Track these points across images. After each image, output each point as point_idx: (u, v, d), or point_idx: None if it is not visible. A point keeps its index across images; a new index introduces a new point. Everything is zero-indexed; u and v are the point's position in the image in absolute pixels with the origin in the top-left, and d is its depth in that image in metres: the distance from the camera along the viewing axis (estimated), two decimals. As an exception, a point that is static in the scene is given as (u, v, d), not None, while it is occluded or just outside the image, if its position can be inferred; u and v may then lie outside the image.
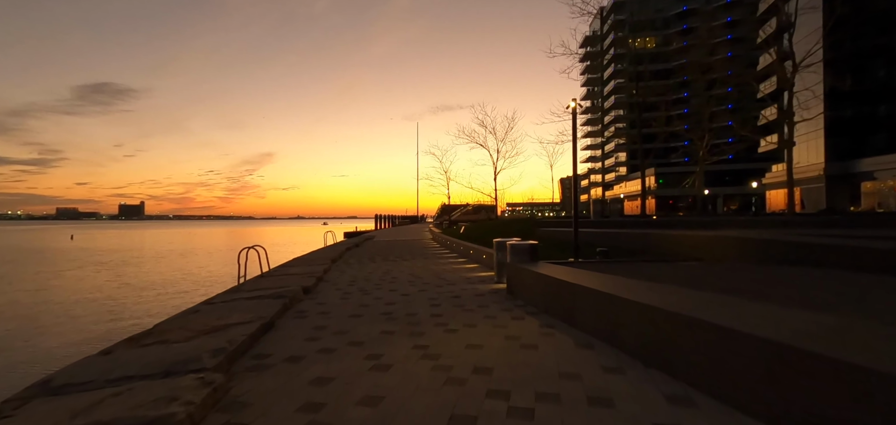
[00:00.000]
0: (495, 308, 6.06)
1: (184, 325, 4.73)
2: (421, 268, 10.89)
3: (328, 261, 11.64)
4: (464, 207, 65.57)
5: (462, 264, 11.67)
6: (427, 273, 9.99)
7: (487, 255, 11.11)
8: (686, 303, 3.53)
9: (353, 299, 6.84)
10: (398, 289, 7.81)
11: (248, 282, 8.29)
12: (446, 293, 7.29)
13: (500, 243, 8.20)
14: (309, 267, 10.41)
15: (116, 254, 45.47)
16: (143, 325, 10.57)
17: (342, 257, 14.01)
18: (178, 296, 19.82)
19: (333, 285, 8.30)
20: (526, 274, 6.36)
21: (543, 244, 7.21)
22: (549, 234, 12.68)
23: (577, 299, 4.80)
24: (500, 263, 8.25)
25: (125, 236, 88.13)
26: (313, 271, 9.42)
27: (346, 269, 10.91)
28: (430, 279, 8.97)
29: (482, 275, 9.51)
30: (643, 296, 3.87)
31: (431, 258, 13.56)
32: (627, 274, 5.99)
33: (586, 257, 8.33)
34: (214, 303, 6.12)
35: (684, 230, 10.19)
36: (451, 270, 10.39)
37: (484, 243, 13.61)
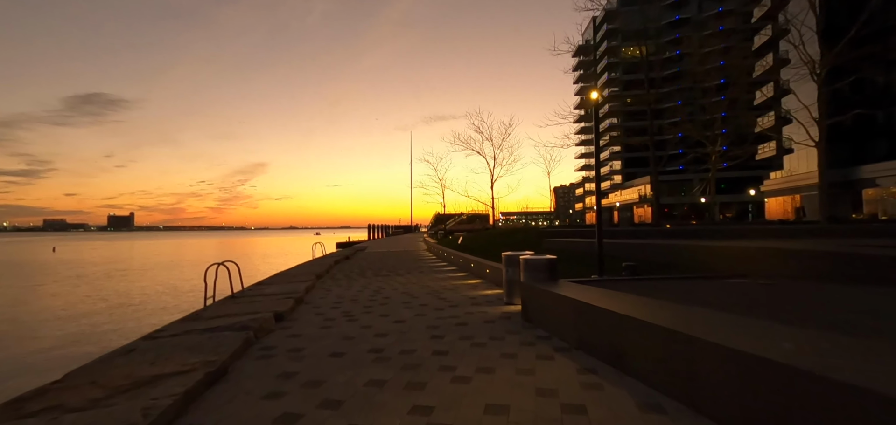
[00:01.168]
0: (513, 341, 4.85)
1: (99, 377, 3.49)
2: (417, 285, 9.67)
3: (312, 277, 10.38)
4: (458, 216, 64.44)
5: (463, 280, 10.47)
6: (424, 291, 8.77)
7: (491, 270, 9.93)
8: (806, 351, 2.37)
9: (335, 329, 5.59)
10: (391, 313, 6.59)
11: (213, 305, 7.04)
12: (449, 319, 6.07)
13: (511, 257, 7.02)
14: (289, 284, 9.15)
15: (99, 266, 43.71)
16: (109, 346, 9.21)
17: (329, 272, 12.74)
18: (155, 314, 18.40)
19: (314, 308, 7.05)
20: (548, 297, 5.18)
21: (556, 257, 6.02)
22: (559, 246, 11.55)
23: (627, 335, 3.62)
24: (510, 281, 7.07)
25: (112, 248, 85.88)
26: (293, 290, 8.17)
27: (333, 287, 9.66)
28: (429, 299, 7.75)
29: (488, 293, 8.31)
30: (735, 338, 2.71)
31: (427, 272, 12.35)
32: (674, 296, 4.84)
33: (611, 273, 7.19)
34: (159, 337, 4.87)
35: (711, 241, 9.09)
36: (452, 288, 9.18)
37: (486, 255, 12.42)
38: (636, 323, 3.52)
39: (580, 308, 4.37)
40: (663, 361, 3.19)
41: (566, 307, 4.70)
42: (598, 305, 4.08)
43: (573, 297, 4.54)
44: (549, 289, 5.25)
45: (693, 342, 2.92)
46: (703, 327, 3.07)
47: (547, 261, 6.11)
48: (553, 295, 5.03)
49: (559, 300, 4.89)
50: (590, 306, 4.20)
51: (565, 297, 4.71)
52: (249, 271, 33.48)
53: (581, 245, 11.10)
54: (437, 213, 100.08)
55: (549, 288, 5.30)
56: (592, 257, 9.28)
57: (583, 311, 4.32)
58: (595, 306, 4.10)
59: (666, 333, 3.16)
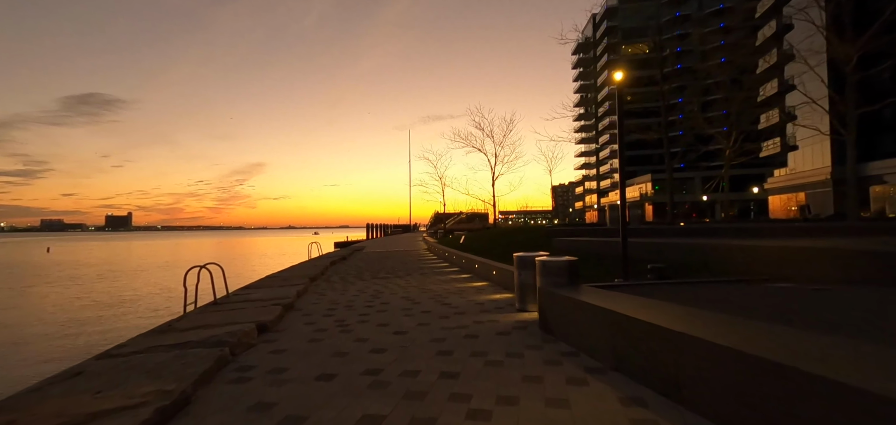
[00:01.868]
0: (534, 358, 4.12)
1: (21, 417, 2.75)
2: (418, 289, 8.94)
3: (305, 280, 9.64)
4: (457, 215, 63.76)
5: (467, 282, 9.74)
6: (426, 295, 8.04)
7: (499, 272, 9.21)
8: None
9: (326, 343, 4.85)
10: (390, 322, 5.85)
11: (191, 314, 6.29)
12: (456, 329, 5.34)
13: (524, 259, 6.29)
14: (280, 288, 8.41)
15: (93, 267, 42.91)
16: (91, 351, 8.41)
17: (324, 274, 12.00)
18: (146, 317, 17.65)
19: (305, 316, 6.31)
20: (573, 306, 4.45)
21: (577, 259, 5.30)
22: (571, 246, 10.81)
23: (686, 359, 2.88)
24: (523, 285, 6.34)
25: (108, 248, 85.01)
26: (282, 295, 7.43)
27: (327, 291, 8.92)
28: (432, 305, 7.01)
29: (496, 298, 7.58)
30: (859, 374, 1.99)
31: (429, 274, 11.61)
32: (724, 306, 4.12)
33: (634, 276, 6.47)
34: (117, 356, 4.13)
35: (735, 239, 8.37)
36: (456, 291, 8.44)
37: (491, 255, 11.69)
38: (699, 345, 2.79)
39: (618, 321, 3.64)
40: (749, 400, 2.45)
41: (598, 319, 3.97)
42: (642, 319, 3.35)
43: (608, 308, 3.80)
44: (575, 296, 4.52)
45: (796, 377, 2.19)
46: (803, 355, 2.34)
47: (567, 264, 5.38)
48: (580, 304, 4.30)
49: (588, 310, 4.16)
50: (632, 320, 3.46)
51: (597, 307, 3.98)
52: (242, 272, 32.77)
53: (594, 245, 10.38)
54: (436, 212, 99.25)
55: (574, 295, 4.57)
56: (609, 258, 8.55)
57: (622, 326, 3.58)
58: (639, 320, 3.37)
59: (752, 363, 2.43)
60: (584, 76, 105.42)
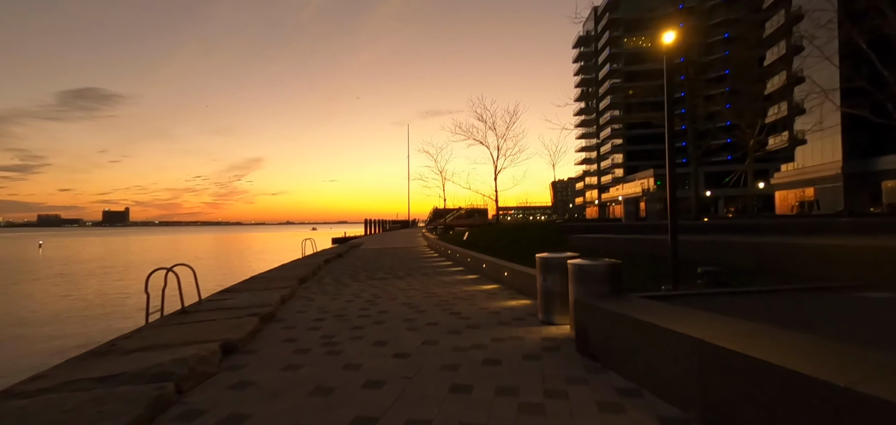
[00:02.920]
0: (583, 399, 3.05)
1: None
2: (421, 292, 7.86)
3: (294, 282, 8.56)
4: (456, 211, 62.73)
5: (475, 284, 8.66)
6: (431, 302, 6.96)
7: (511, 273, 8.15)
8: None
9: (306, 372, 3.77)
10: (390, 338, 4.78)
11: (146, 328, 5.21)
12: (472, 350, 4.27)
13: (550, 261, 5.22)
14: (263, 292, 7.33)
15: (85, 264, 41.76)
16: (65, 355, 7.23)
17: (316, 274, 10.92)
18: (130, 317, 16.59)
19: (286, 330, 5.24)
20: (629, 327, 3.38)
21: (621, 263, 4.23)
22: (591, 243, 9.71)
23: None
24: (548, 293, 5.27)
25: (103, 244, 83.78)
26: (263, 302, 6.35)
27: (316, 295, 7.84)
28: (439, 315, 5.94)
29: (512, 305, 6.51)
30: None
31: (432, 274, 10.55)
32: (835, 326, 3.06)
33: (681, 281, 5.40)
34: (22, 394, 3.05)
35: (779, 237, 7.31)
36: (465, 297, 7.37)
37: (498, 253, 10.63)
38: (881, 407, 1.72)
39: (709, 355, 2.57)
40: None
41: (673, 347, 2.90)
42: (760, 359, 2.28)
43: (693, 335, 2.73)
44: (631, 313, 3.44)
45: None
46: None
47: (609, 268, 4.31)
48: (643, 325, 3.23)
49: (657, 335, 3.08)
50: (737, 356, 2.39)
51: (673, 333, 2.90)
52: (232, 270, 31.59)
53: (617, 243, 9.30)
54: (435, 208, 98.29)
55: (629, 311, 3.49)
56: (639, 258, 7.49)
57: (721, 363, 2.51)
58: (755, 360, 2.29)
59: None
60: (584, 70, 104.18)
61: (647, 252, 7.94)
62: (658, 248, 8.11)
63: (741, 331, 2.76)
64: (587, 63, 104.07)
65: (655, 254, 7.80)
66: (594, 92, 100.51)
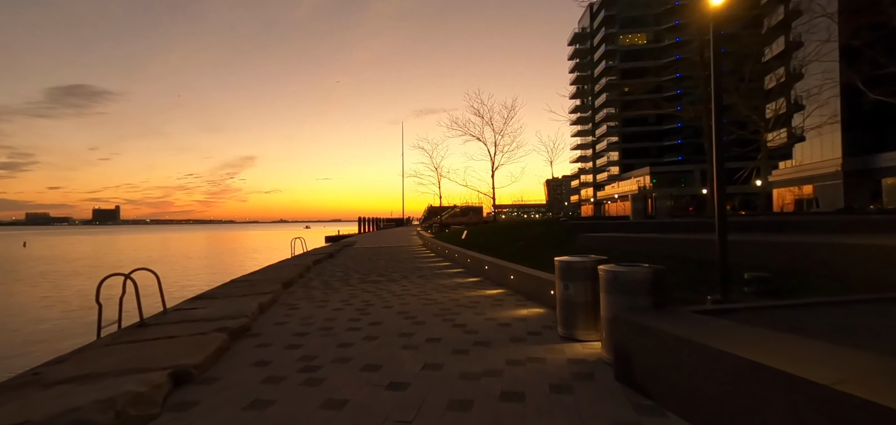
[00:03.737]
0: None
1: None
2: (418, 299, 7.04)
3: (277, 286, 7.70)
4: (451, 209, 62.00)
5: (478, 289, 7.85)
6: (430, 309, 6.14)
7: (517, 277, 7.35)
8: None
9: (275, 412, 2.93)
10: (383, 360, 3.95)
11: (87, 348, 4.34)
12: (484, 377, 3.45)
13: (572, 266, 4.42)
14: (239, 299, 6.48)
15: (70, 263, 40.52)
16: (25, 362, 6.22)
17: (304, 276, 10.06)
18: (109, 322, 15.61)
19: (258, 350, 4.40)
20: (701, 356, 2.58)
21: (664, 269, 3.40)
22: (603, 244, 8.87)
23: None
24: (569, 303, 4.47)
25: (91, 242, 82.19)
26: (236, 312, 5.50)
27: (301, 302, 6.99)
28: (440, 327, 5.12)
29: (522, 314, 5.70)
30: None
31: (429, 276, 9.72)
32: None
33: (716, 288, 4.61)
34: None
35: (844, 236, 6.52)
36: (468, 303, 6.55)
37: (500, 254, 9.83)
38: None
39: (853, 414, 1.77)
40: None
41: (780, 396, 2.10)
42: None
43: (816, 381, 1.93)
44: (704, 340, 2.63)
45: None
46: None
47: (652, 277, 3.51)
48: (725, 360, 2.42)
49: (750, 373, 2.28)
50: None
51: (780, 374, 2.09)
52: (217, 270, 30.54)
53: (633, 242, 8.50)
54: (430, 206, 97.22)
55: (700, 338, 2.68)
56: (660, 260, 6.69)
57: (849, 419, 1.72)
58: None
59: None
60: (580, 68, 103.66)
61: (666, 252, 7.17)
62: (678, 249, 7.34)
63: (871, 372, 1.96)
64: (582, 60, 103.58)
65: (676, 254, 7.03)
66: (590, 89, 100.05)
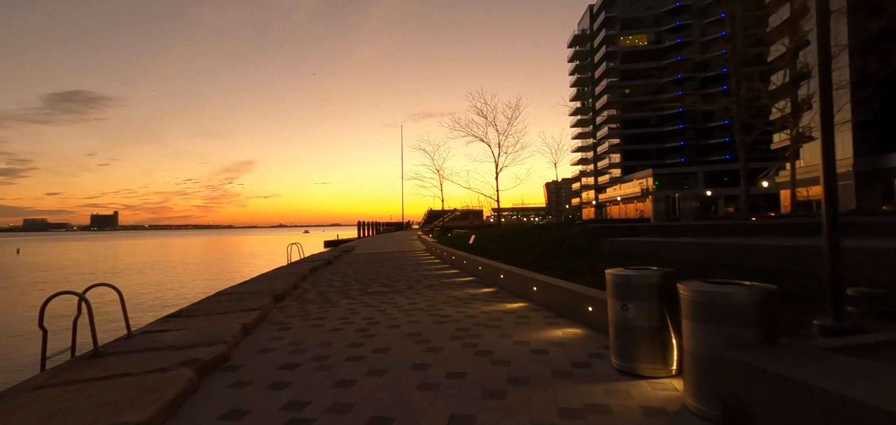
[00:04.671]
0: None
1: None
2: (429, 314, 6.09)
3: (268, 300, 6.75)
4: (451, 212, 61.14)
5: (494, 301, 6.90)
6: (445, 330, 5.19)
7: (541, 288, 6.42)
8: None
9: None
10: (394, 409, 3.00)
11: (20, 387, 3.39)
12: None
13: (630, 282, 3.49)
14: (221, 316, 5.54)
15: (64, 270, 39.50)
16: None
17: (299, 287, 9.10)
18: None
19: (232, 392, 3.45)
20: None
21: (775, 290, 2.40)
22: (635, 249, 7.88)
23: None
24: (628, 327, 3.53)
25: (86, 249, 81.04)
26: (215, 336, 4.56)
27: (293, 320, 6.03)
28: (461, 355, 4.18)
29: (557, 335, 4.76)
30: None
31: (438, 286, 8.77)
32: None
33: (805, 308, 3.69)
34: None
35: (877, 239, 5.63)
36: (487, 320, 5.61)
37: (515, 261, 8.88)
38: None
39: None
40: None
41: None
42: None
43: None
44: (876, 401, 1.72)
45: None
46: None
47: (757, 299, 2.58)
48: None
49: None
50: None
51: None
52: (211, 277, 29.48)
53: (670, 248, 7.53)
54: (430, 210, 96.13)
55: (870, 397, 1.77)
56: (698, 267, 5.76)
57: None
58: None
59: None
60: (580, 69, 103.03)
61: (712, 259, 6.22)
62: (726, 255, 6.40)
63: None
64: (582, 62, 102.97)
65: (726, 261, 6.09)
66: (590, 91, 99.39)
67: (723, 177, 69.87)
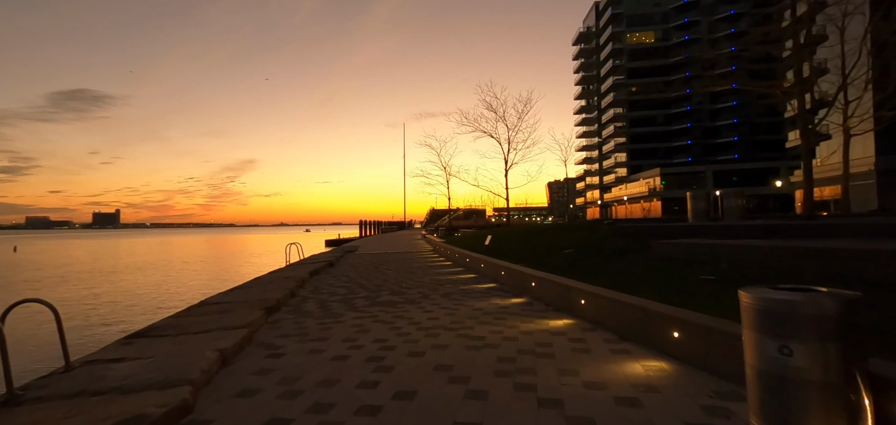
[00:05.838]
0: None
1: None
2: (455, 334, 4.87)
3: (258, 313, 5.56)
4: (454, 211, 60.03)
5: (529, 314, 5.68)
6: (484, 360, 3.98)
7: (589, 301, 5.21)
8: None
9: None
10: None
11: None
12: None
13: (795, 309, 2.29)
14: (196, 339, 4.36)
15: (61, 269, 38.38)
16: None
17: (296, 294, 7.89)
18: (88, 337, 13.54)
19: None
20: None
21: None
22: (698, 255, 6.61)
23: None
24: (779, 379, 2.32)
25: (88, 247, 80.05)
26: (181, 371, 3.37)
27: (287, 341, 4.83)
28: (518, 406, 2.96)
29: (637, 370, 3.55)
30: None
31: (456, 294, 7.56)
32: None
33: None
34: None
35: None
36: (533, 346, 4.39)
37: (544, 266, 7.67)
38: None
39: None
40: None
41: None
42: None
43: None
44: None
45: None
46: None
47: None
48: None
49: None
50: None
51: None
52: (205, 278, 28.34)
53: (739, 253, 6.25)
54: (433, 209, 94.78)
55: None
56: (788, 275, 4.56)
57: None
58: None
59: None
60: (585, 68, 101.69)
61: (793, 265, 4.98)
62: (810, 260, 5.15)
63: None
64: (588, 60, 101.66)
65: (821, 269, 4.85)
66: (595, 89, 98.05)
67: (732, 176, 68.43)
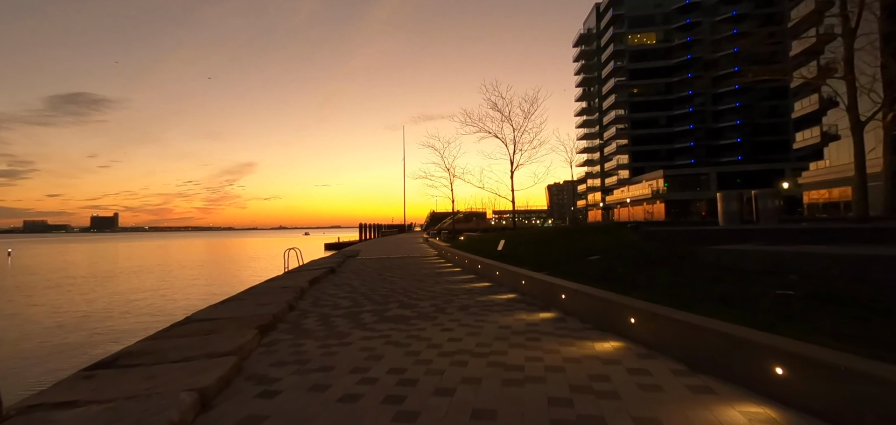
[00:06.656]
0: None
1: None
2: (488, 364, 4.04)
3: (249, 334, 4.73)
4: (455, 215, 59.24)
5: (564, 332, 4.86)
6: (529, 401, 3.14)
7: (640, 318, 4.39)
8: None
9: None
10: None
11: None
12: None
13: None
14: (169, 373, 3.54)
15: (53, 274, 37.54)
16: None
17: (295, 307, 7.06)
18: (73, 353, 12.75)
19: None
20: None
21: None
22: (747, 263, 5.78)
23: None
24: None
25: (83, 251, 79.08)
26: (142, 422, 2.55)
27: (283, 376, 3.98)
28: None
29: (733, 416, 2.74)
30: None
31: (474, 306, 6.73)
32: None
33: None
34: None
35: None
36: (585, 379, 3.56)
37: (570, 275, 6.84)
38: None
39: None
40: None
41: None
42: None
43: None
44: None
45: None
46: None
47: None
48: None
49: None
50: None
51: None
52: (202, 287, 27.49)
53: (802, 261, 5.43)
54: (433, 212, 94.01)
55: None
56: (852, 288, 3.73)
57: None
58: None
59: None
60: (586, 69, 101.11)
61: (880, 276, 4.18)
62: (886, 269, 4.34)
63: None
64: (588, 62, 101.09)
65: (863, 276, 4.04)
66: (596, 91, 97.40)
67: (735, 178, 67.74)
